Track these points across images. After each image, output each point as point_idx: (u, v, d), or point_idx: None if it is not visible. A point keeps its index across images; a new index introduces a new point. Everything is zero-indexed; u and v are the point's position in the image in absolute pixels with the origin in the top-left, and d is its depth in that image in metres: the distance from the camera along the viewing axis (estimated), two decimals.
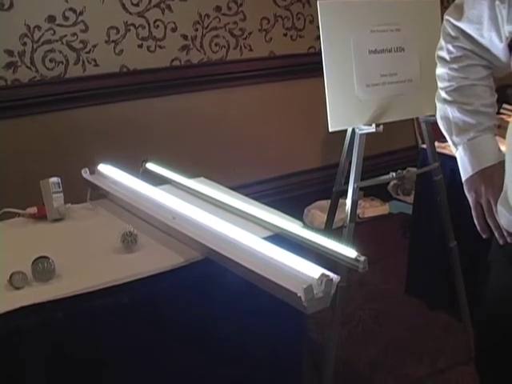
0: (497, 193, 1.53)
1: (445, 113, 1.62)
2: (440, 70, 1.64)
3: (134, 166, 2.37)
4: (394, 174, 2.43)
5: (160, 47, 3.71)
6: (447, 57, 1.61)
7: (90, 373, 1.57)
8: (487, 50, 1.55)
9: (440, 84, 1.64)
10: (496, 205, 1.54)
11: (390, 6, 2.39)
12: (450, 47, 1.60)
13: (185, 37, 3.79)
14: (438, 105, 1.65)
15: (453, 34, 1.59)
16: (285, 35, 4.22)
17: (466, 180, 1.61)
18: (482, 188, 1.57)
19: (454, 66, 1.59)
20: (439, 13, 2.49)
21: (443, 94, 1.62)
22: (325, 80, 2.26)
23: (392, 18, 2.38)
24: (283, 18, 4.19)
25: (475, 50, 1.56)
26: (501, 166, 1.54)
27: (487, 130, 1.57)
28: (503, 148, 3.04)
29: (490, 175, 1.55)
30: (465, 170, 1.61)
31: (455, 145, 1.62)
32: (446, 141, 3.08)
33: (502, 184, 1.51)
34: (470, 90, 1.58)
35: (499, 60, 1.55)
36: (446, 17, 1.62)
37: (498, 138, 3.21)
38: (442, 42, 1.63)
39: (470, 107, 1.57)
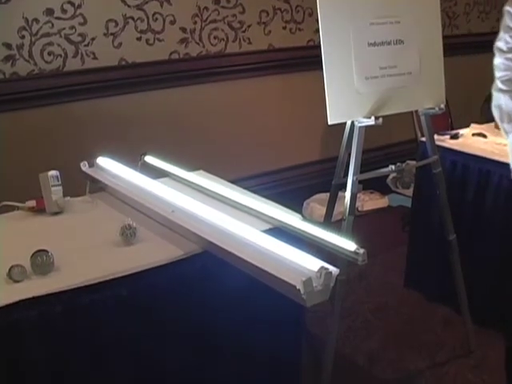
0: None
1: (498, 101, 1.65)
2: (497, 60, 1.66)
3: (133, 159, 2.36)
4: (393, 166, 2.43)
5: (159, 40, 3.69)
6: (504, 47, 1.63)
7: (89, 365, 1.57)
8: None
9: (496, 74, 1.67)
10: None
11: None
12: (508, 37, 1.62)
13: (184, 30, 3.78)
14: (493, 94, 1.67)
15: (511, 25, 1.61)
16: (284, 28, 4.21)
17: None
18: None
19: (510, 55, 1.60)
20: (438, 5, 2.48)
21: (498, 84, 1.65)
22: (324, 73, 2.25)
23: (391, 11, 2.38)
24: (282, 11, 4.17)
25: None
26: None
27: None
28: (502, 140, 3.04)
29: None
30: None
31: (506, 132, 1.64)
32: (445, 134, 3.10)
33: None
34: None
35: None
36: (507, 8, 1.64)
37: (496, 129, 3.22)
38: (500, 33, 1.66)
39: None
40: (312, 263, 1.51)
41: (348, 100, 2.31)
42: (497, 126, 3.17)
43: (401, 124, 3.67)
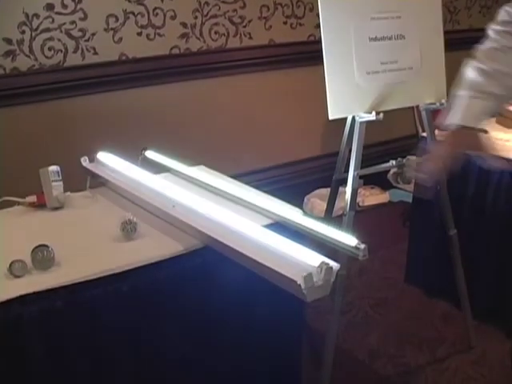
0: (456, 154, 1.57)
1: (465, 67, 1.62)
2: (486, 31, 1.63)
3: (134, 154, 2.36)
4: (393, 162, 2.43)
5: (159, 35, 3.69)
6: (498, 18, 1.61)
7: (90, 360, 1.57)
8: None
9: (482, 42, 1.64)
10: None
11: None
12: (502, 10, 1.61)
13: (184, 25, 3.77)
14: (467, 60, 1.65)
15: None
16: (285, 23, 4.21)
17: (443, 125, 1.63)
18: (452, 141, 1.59)
19: (497, 27, 1.59)
20: (440, 0, 2.48)
21: (475, 51, 1.62)
22: (325, 68, 2.25)
23: (392, 6, 2.37)
24: (283, 6, 4.17)
25: None
26: (477, 136, 1.56)
27: (484, 94, 1.55)
28: (503, 135, 3.05)
29: (463, 135, 1.57)
30: (447, 118, 1.62)
31: (455, 95, 1.61)
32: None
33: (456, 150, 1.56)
34: (494, 53, 1.58)
35: None
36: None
37: (498, 125, 3.23)
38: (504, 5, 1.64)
39: (483, 66, 1.56)
40: (313, 258, 1.50)
41: (349, 95, 2.30)
42: (498, 122, 3.17)
43: (402, 119, 3.68)
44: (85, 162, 2.33)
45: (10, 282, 1.55)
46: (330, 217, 2.69)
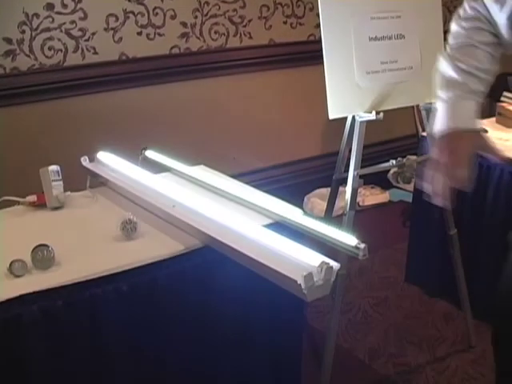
0: (458, 159, 1.49)
1: (441, 66, 1.61)
2: (452, 27, 1.63)
3: (134, 153, 2.36)
4: (394, 161, 2.43)
5: (159, 35, 3.69)
6: (462, 14, 1.60)
7: (91, 360, 1.57)
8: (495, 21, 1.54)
9: (449, 40, 1.63)
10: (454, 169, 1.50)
11: None
12: (467, 6, 1.59)
13: (184, 24, 3.77)
14: (440, 58, 1.63)
15: None
16: (285, 23, 4.20)
17: (433, 134, 1.56)
18: (454, 147, 1.50)
19: (464, 24, 1.58)
20: (440, 0, 2.48)
21: (447, 49, 1.61)
22: (325, 67, 2.25)
23: (392, 5, 2.37)
24: (283, 6, 4.17)
25: (487, 15, 1.54)
26: (471, 135, 1.51)
27: (471, 93, 1.52)
28: (503, 135, 3.04)
29: (459, 137, 1.50)
30: (437, 124, 1.55)
31: (439, 99, 1.59)
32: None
33: (466, 153, 1.48)
34: (469, 50, 1.55)
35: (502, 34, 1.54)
36: None
37: (497, 124, 3.22)
38: (464, 0, 1.62)
39: (463, 65, 1.53)
40: (313, 258, 1.50)
41: (349, 94, 2.30)
42: (498, 121, 3.17)
43: (402, 119, 3.68)
44: (85, 161, 2.33)
45: (9, 282, 1.55)
46: (330, 216, 2.69)
